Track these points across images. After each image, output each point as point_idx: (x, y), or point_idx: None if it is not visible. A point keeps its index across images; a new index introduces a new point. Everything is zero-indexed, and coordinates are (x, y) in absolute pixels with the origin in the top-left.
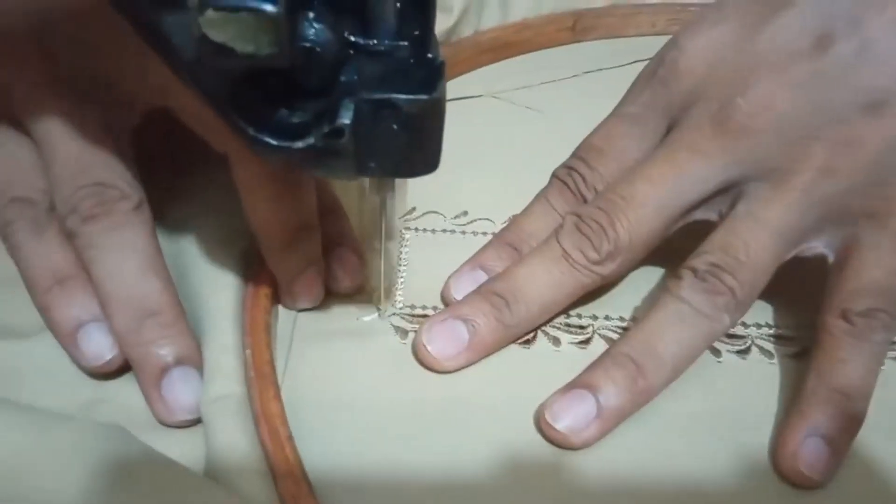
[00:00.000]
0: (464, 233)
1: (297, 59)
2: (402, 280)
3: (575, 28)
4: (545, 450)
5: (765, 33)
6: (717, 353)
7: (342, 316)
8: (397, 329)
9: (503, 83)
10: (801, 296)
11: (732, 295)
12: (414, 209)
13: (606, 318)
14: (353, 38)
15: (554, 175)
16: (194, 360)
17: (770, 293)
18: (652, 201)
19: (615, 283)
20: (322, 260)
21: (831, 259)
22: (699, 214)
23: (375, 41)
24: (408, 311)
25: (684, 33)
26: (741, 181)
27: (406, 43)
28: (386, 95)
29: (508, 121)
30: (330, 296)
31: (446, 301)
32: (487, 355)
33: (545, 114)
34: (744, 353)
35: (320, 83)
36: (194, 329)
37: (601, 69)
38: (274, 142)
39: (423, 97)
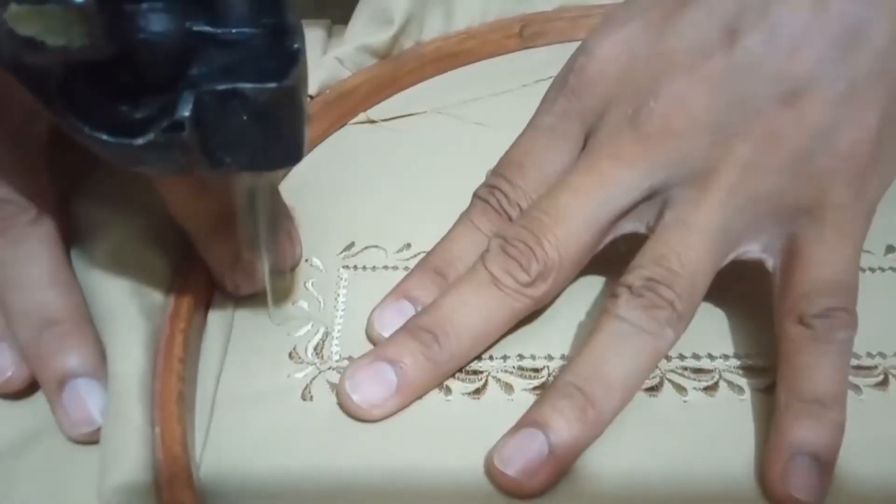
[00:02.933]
0: (407, 268)
1: (140, 53)
2: (339, 327)
3: (523, 34)
4: None
5: (673, 30)
6: (682, 390)
7: (271, 371)
8: (333, 386)
9: (448, 97)
10: (768, 321)
11: (672, 308)
12: (352, 244)
13: (563, 357)
14: (202, 29)
15: (475, 195)
16: (97, 370)
17: (735, 320)
18: (578, 214)
19: (562, 316)
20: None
21: (773, 263)
22: (628, 227)
23: (225, 30)
24: (346, 364)
25: (592, 37)
26: (666, 186)
27: (259, 31)
28: (231, 85)
29: (455, 138)
30: (256, 347)
31: (371, 339)
32: (419, 397)
33: (494, 128)
34: (711, 389)
35: (164, 76)
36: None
37: (552, 77)
38: (111, 139)
39: (272, 85)
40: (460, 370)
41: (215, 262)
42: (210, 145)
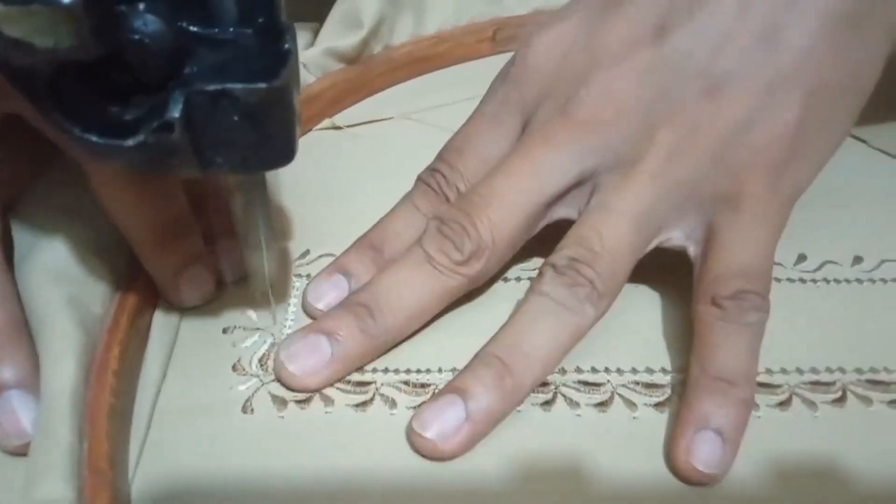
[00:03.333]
0: None
1: (132, 53)
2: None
3: (496, 38)
4: None
5: (606, 25)
6: (632, 406)
7: (213, 384)
8: (275, 398)
9: (419, 102)
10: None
11: (592, 286)
12: (307, 252)
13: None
14: (193, 29)
15: (418, 178)
16: (31, 382)
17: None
18: (511, 196)
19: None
20: (205, 253)
21: (694, 250)
22: (561, 212)
23: (217, 30)
24: None
25: (535, 32)
26: (595, 172)
27: (250, 31)
28: (221, 86)
29: (423, 144)
30: (201, 359)
31: (305, 311)
32: (354, 368)
33: None
34: (662, 405)
35: (155, 77)
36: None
37: None
38: (102, 140)
39: (262, 85)
40: (408, 384)
41: (159, 272)
42: (201, 146)
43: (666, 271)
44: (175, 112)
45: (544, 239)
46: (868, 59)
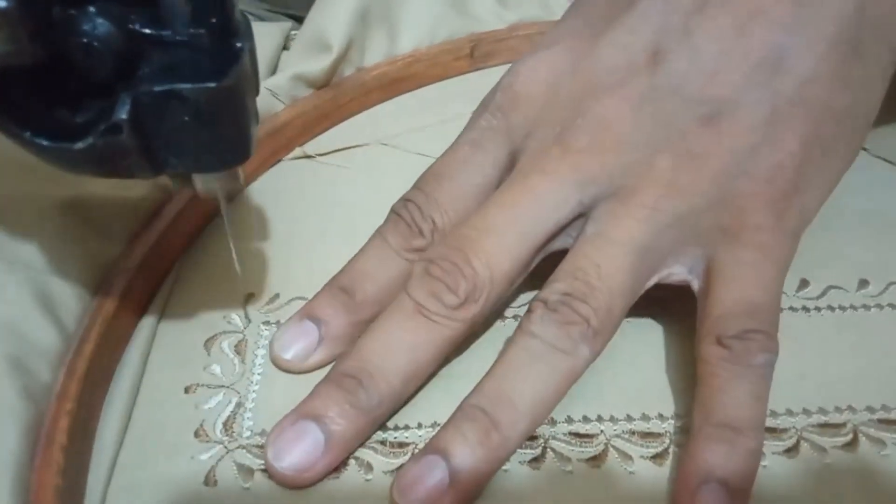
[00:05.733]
0: None
1: (80, 56)
2: (253, 395)
3: (473, 55)
4: None
5: (598, 51)
6: (627, 459)
7: (174, 453)
8: (241, 468)
9: (394, 126)
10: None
11: (588, 324)
12: (277, 296)
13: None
14: (145, 31)
15: (392, 209)
16: None
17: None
18: (509, 227)
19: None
20: None
21: (697, 285)
22: (557, 244)
23: (169, 32)
24: (257, 440)
25: (522, 59)
26: (594, 203)
27: (203, 31)
28: (170, 86)
29: (400, 172)
30: (160, 424)
31: (275, 363)
32: (353, 451)
33: None
34: (661, 458)
35: (104, 80)
36: None
37: None
38: (51, 144)
39: (211, 85)
40: (384, 444)
41: None
42: (153, 147)
43: (662, 306)
44: (122, 114)
45: (533, 270)
46: (872, 81)
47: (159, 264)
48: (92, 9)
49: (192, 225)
